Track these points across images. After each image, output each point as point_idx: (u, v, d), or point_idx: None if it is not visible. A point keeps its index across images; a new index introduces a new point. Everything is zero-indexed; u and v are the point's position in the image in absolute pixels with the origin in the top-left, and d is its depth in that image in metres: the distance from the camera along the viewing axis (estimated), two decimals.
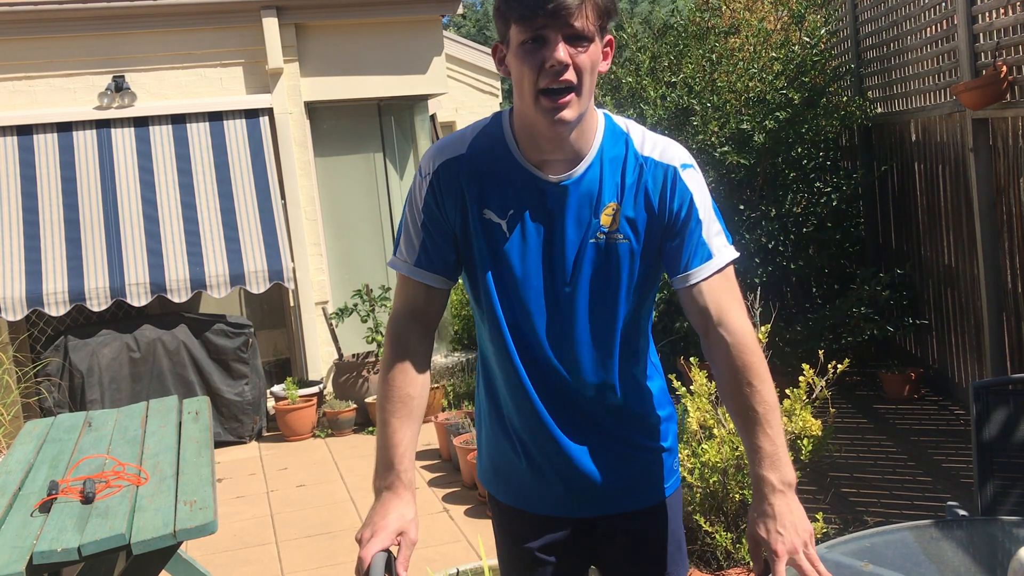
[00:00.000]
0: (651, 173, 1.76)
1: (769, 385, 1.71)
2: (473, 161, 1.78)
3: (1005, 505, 2.55)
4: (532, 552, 1.95)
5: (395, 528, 1.71)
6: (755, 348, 1.73)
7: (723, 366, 1.74)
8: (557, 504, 1.93)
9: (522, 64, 1.65)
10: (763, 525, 1.65)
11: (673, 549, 1.95)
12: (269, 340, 7.50)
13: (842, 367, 3.79)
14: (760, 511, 1.67)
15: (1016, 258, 4.84)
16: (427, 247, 1.80)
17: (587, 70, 1.66)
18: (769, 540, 1.63)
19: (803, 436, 3.61)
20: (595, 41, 1.66)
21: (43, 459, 3.53)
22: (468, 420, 5.54)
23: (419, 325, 1.83)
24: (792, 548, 1.61)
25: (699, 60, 6.63)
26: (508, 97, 18.12)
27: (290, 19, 6.82)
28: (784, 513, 1.64)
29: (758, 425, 1.69)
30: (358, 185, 7.38)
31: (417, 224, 1.81)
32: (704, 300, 1.74)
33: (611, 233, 1.76)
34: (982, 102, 4.72)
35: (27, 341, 6.68)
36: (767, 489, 1.66)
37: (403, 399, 1.78)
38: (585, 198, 1.75)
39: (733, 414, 1.75)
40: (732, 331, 1.72)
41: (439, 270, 1.81)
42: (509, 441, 1.92)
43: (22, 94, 6.54)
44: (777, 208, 6.36)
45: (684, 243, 1.75)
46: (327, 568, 4.37)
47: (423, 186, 1.80)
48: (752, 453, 1.70)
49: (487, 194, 1.77)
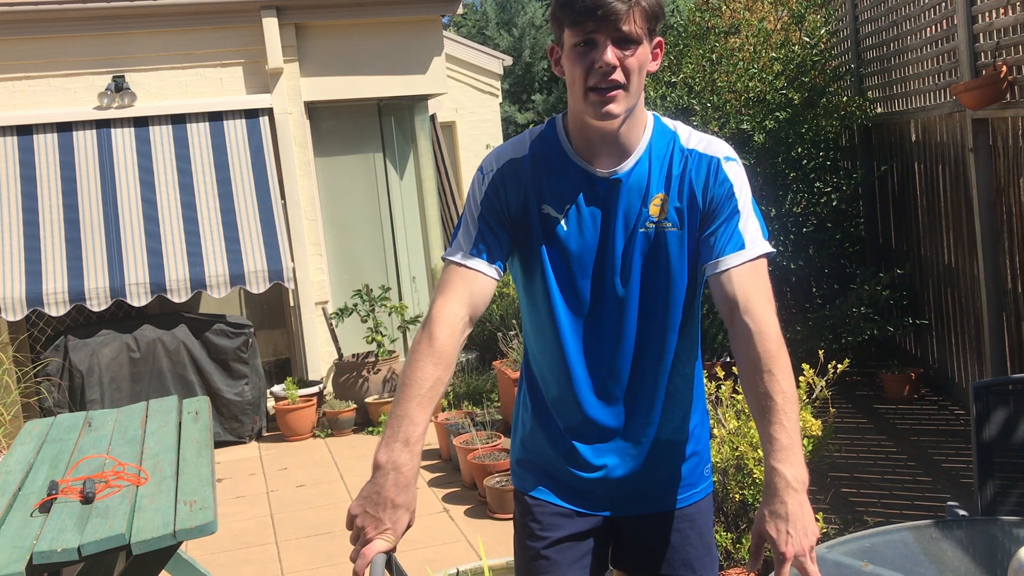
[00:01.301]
0: (695, 164, 1.85)
1: (789, 377, 1.71)
2: (534, 160, 1.89)
3: (1005, 505, 2.55)
4: (551, 547, 1.94)
5: (403, 527, 1.67)
6: (778, 340, 1.74)
7: (744, 354, 1.74)
8: (591, 499, 1.94)
9: (574, 65, 1.77)
10: (774, 524, 1.60)
11: (703, 552, 1.97)
12: (269, 340, 7.50)
13: (842, 367, 3.80)
14: (772, 509, 1.61)
15: (1016, 258, 4.83)
16: (484, 236, 1.87)
17: (635, 71, 1.76)
18: (778, 541, 1.59)
19: (803, 436, 3.61)
20: (643, 44, 1.76)
21: (43, 459, 3.53)
22: (468, 420, 5.54)
23: (465, 313, 1.84)
24: (800, 551, 1.58)
25: (699, 60, 6.63)
26: (508, 97, 18.10)
27: (290, 19, 6.82)
28: (796, 514, 1.59)
29: (775, 415, 1.67)
30: (358, 185, 7.38)
31: (475, 216, 1.88)
32: (732, 287, 1.78)
33: (660, 222, 1.85)
34: (982, 102, 4.72)
35: (27, 341, 6.68)
36: (780, 484, 1.61)
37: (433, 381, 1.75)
38: (635, 190, 1.85)
39: (751, 404, 1.73)
40: (757, 320, 1.74)
41: (490, 259, 1.86)
42: (548, 432, 1.94)
43: (22, 94, 6.54)
44: (777, 208, 6.36)
45: (720, 231, 1.82)
46: (327, 568, 4.37)
47: (484, 182, 1.89)
48: (767, 443, 1.66)
49: (545, 190, 1.87)
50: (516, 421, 2.05)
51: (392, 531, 1.65)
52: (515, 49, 18.36)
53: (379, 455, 1.68)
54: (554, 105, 18.00)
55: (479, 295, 1.85)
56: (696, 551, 1.96)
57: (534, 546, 1.94)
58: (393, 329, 7.09)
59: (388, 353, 6.87)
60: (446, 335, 1.78)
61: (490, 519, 4.74)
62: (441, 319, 1.80)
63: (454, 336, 1.79)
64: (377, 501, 1.65)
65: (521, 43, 18.67)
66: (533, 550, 1.94)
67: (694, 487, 1.98)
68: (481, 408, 6.14)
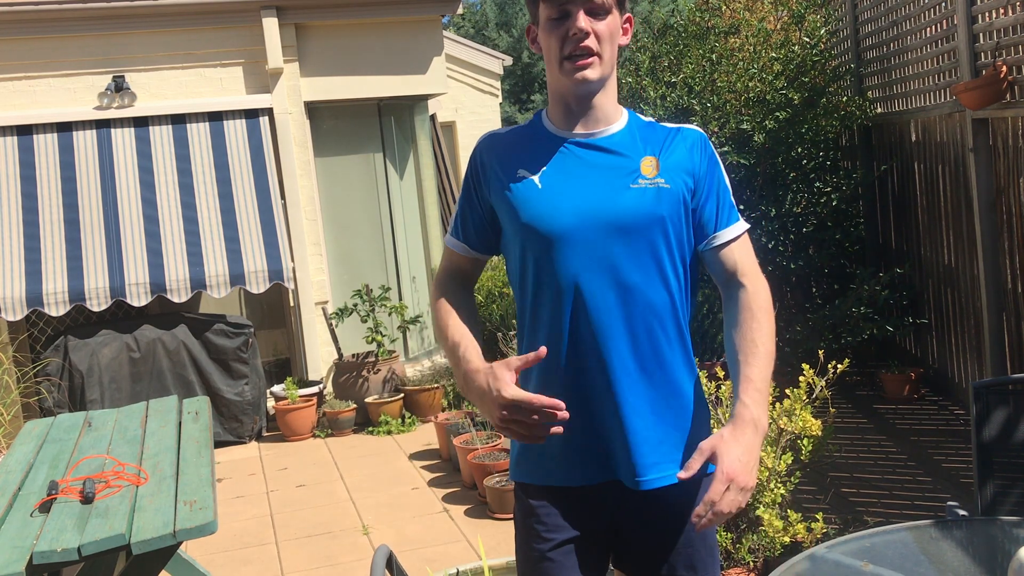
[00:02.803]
0: (683, 136, 1.97)
1: (772, 333, 1.85)
2: (514, 133, 2.02)
3: (1005, 505, 2.55)
4: (556, 549, 1.93)
5: (508, 372, 1.78)
6: (768, 302, 1.89)
7: (735, 305, 1.89)
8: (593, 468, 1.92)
9: (549, 36, 1.88)
10: (729, 449, 1.71)
11: (705, 553, 1.96)
12: (269, 340, 7.50)
13: (842, 367, 3.79)
14: (734, 435, 1.73)
15: (1016, 258, 4.84)
16: (466, 215, 2.02)
17: (606, 38, 1.87)
18: (726, 461, 1.70)
19: (803, 436, 3.61)
20: (613, 13, 1.88)
21: (43, 459, 3.53)
22: (468, 420, 5.54)
23: (459, 280, 2.06)
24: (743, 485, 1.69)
25: (699, 60, 6.63)
26: (508, 97, 18.11)
27: (290, 19, 6.82)
28: (752, 452, 1.72)
29: (756, 358, 1.81)
30: (358, 185, 7.38)
31: (459, 198, 2.04)
32: (733, 257, 1.93)
33: (652, 179, 1.91)
34: (982, 102, 4.72)
35: (27, 341, 6.68)
36: (747, 417, 1.75)
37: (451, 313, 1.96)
38: (620, 152, 1.93)
39: (732, 347, 1.85)
40: (752, 281, 1.91)
41: (467, 239, 2.03)
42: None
43: (22, 94, 6.54)
44: (777, 208, 6.36)
45: (715, 205, 1.94)
46: (327, 568, 4.37)
47: (470, 165, 2.02)
48: (743, 381, 1.79)
49: (522, 158, 1.96)
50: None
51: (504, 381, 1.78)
52: (515, 49, 18.37)
53: (458, 386, 1.90)
54: None
55: (468, 270, 2.06)
56: (698, 552, 1.95)
57: (539, 548, 1.94)
58: (393, 329, 7.09)
59: (388, 353, 6.87)
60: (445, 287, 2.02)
61: (490, 519, 4.74)
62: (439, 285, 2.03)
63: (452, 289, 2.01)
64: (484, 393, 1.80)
65: (521, 43, 18.68)
66: (538, 552, 1.94)
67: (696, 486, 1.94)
68: None
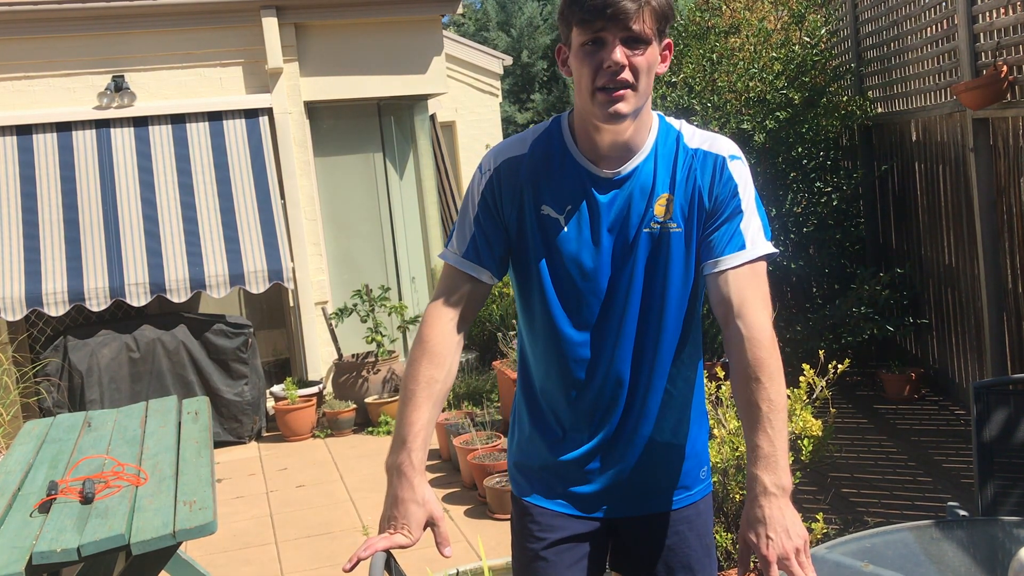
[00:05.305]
0: (700, 164, 1.83)
1: (779, 385, 1.70)
2: (533, 160, 1.85)
3: (1005, 505, 2.55)
4: (549, 548, 1.93)
5: (418, 521, 1.73)
6: (770, 346, 1.72)
7: (735, 360, 1.74)
8: (588, 501, 1.93)
9: (582, 64, 1.74)
10: (753, 530, 1.61)
11: (702, 553, 1.96)
12: (269, 340, 7.50)
13: (842, 367, 3.79)
14: (751, 515, 1.63)
15: (1016, 258, 4.83)
16: (477, 240, 1.86)
17: (643, 71, 1.73)
18: (758, 544, 1.59)
19: (803, 436, 3.61)
20: (652, 44, 1.74)
21: (43, 459, 3.53)
22: (468, 420, 5.54)
23: (456, 314, 1.86)
24: (783, 553, 1.57)
25: (699, 60, 6.63)
26: (508, 97, 18.10)
27: (290, 19, 6.82)
28: (775, 517, 1.60)
29: (759, 423, 1.67)
30: (358, 185, 7.38)
31: (470, 218, 1.87)
32: (728, 289, 1.77)
33: (665, 223, 1.82)
34: (982, 102, 4.72)
35: (26, 341, 6.68)
36: (759, 490, 1.62)
37: (427, 381, 1.80)
38: (640, 191, 1.82)
39: (740, 410, 1.74)
40: (749, 325, 1.73)
41: (485, 264, 1.86)
42: (545, 436, 1.93)
43: (22, 94, 6.53)
44: (777, 208, 6.35)
45: (721, 231, 1.80)
46: (327, 568, 4.37)
47: (482, 182, 1.87)
48: (750, 451, 1.67)
49: (545, 190, 1.84)
50: (513, 424, 2.04)
51: (407, 527, 1.72)
52: (514, 49, 18.35)
53: (386, 461, 1.78)
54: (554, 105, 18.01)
55: (472, 297, 1.87)
56: (695, 553, 1.95)
57: (533, 547, 1.93)
58: (393, 329, 7.09)
59: (388, 353, 6.86)
60: (437, 334, 1.82)
61: (490, 519, 4.73)
62: (431, 320, 1.84)
63: (445, 335, 1.83)
64: (390, 503, 1.75)
65: (520, 43, 18.67)
66: (532, 551, 1.93)
67: (689, 489, 1.96)
68: (481, 408, 6.14)
